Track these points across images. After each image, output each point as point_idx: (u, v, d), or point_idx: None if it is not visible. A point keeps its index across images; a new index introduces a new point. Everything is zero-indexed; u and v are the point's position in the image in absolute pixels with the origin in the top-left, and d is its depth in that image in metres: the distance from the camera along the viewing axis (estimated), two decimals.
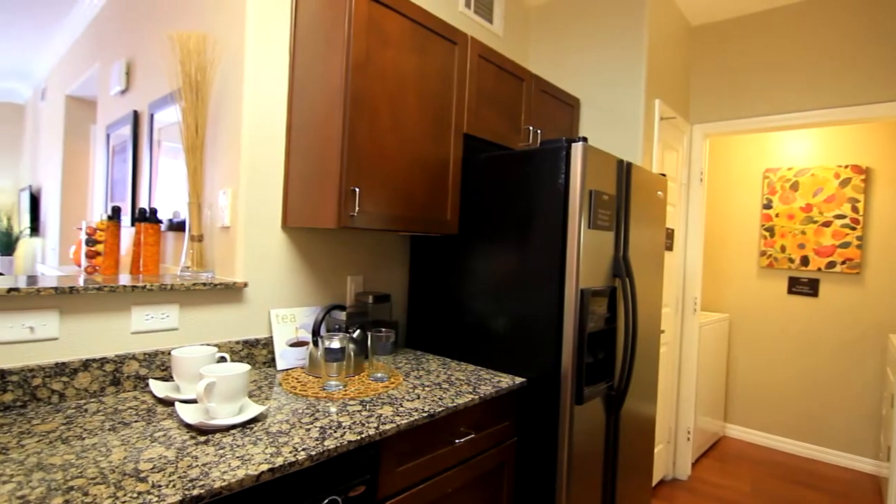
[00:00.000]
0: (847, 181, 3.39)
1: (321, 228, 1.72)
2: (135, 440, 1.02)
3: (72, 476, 0.86)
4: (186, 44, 1.58)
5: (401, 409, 1.28)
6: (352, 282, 1.91)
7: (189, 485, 0.85)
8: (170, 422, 1.13)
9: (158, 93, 2.27)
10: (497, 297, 1.77)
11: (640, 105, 2.45)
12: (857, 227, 3.34)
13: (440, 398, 1.39)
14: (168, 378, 1.40)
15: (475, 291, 1.84)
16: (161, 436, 1.05)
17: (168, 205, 2.15)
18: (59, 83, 4.14)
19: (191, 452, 0.97)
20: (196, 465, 0.92)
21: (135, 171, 2.54)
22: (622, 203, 1.83)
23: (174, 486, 0.84)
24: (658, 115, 2.55)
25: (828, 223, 3.45)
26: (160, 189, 2.26)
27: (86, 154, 3.95)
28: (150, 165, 2.35)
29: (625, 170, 1.83)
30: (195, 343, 1.48)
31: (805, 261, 3.52)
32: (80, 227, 1.88)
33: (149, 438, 1.03)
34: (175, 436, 1.05)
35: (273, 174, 1.65)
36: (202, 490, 0.84)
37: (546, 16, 2.82)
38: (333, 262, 1.85)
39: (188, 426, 1.10)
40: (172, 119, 2.11)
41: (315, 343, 1.55)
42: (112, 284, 1.31)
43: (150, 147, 2.34)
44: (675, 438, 3.00)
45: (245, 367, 1.15)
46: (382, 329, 1.55)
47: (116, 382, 1.31)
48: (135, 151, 2.54)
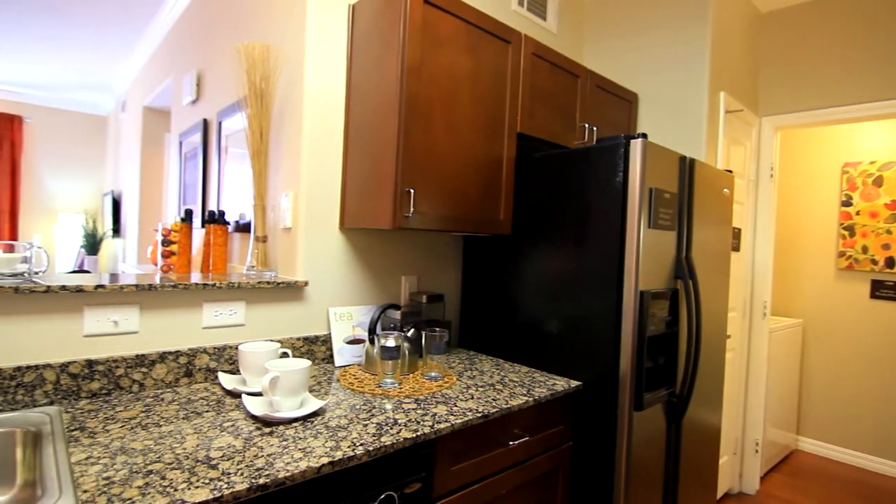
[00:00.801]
0: None
1: (377, 229, 1.76)
2: (206, 429, 1.08)
3: (151, 460, 0.93)
4: (252, 54, 1.66)
5: (455, 409, 1.29)
6: (406, 282, 1.94)
7: (255, 474, 0.89)
8: (237, 413, 1.19)
9: (225, 101, 2.40)
10: (551, 299, 1.74)
11: (704, 98, 2.33)
12: None
13: (494, 399, 1.39)
14: (235, 371, 1.48)
15: (528, 292, 1.82)
16: (230, 426, 1.11)
17: (235, 207, 2.27)
18: (137, 95, 4.46)
19: (257, 443, 1.02)
20: (262, 456, 0.96)
21: (204, 176, 2.70)
22: (685, 201, 1.75)
23: (242, 475, 0.89)
24: (723, 109, 2.42)
25: None
26: (227, 192, 2.39)
27: (161, 160, 4.24)
28: (219, 170, 2.49)
29: (687, 166, 1.75)
30: (260, 339, 1.55)
31: (890, 262, 3.23)
32: (157, 229, 2.02)
33: (218, 428, 1.09)
34: (242, 426, 1.11)
35: (331, 177, 1.70)
36: (267, 479, 0.88)
37: (602, 9, 2.74)
38: (388, 262, 1.89)
39: (254, 417, 1.16)
40: (238, 126, 2.22)
41: (371, 341, 1.59)
42: (185, 282, 1.40)
43: (219, 153, 2.48)
44: (742, 450, 2.83)
45: (306, 363, 1.20)
46: (436, 329, 1.56)
47: (189, 374, 1.40)
48: (204, 157, 2.69)
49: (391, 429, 1.14)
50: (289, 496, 0.94)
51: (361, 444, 1.04)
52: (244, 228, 2.11)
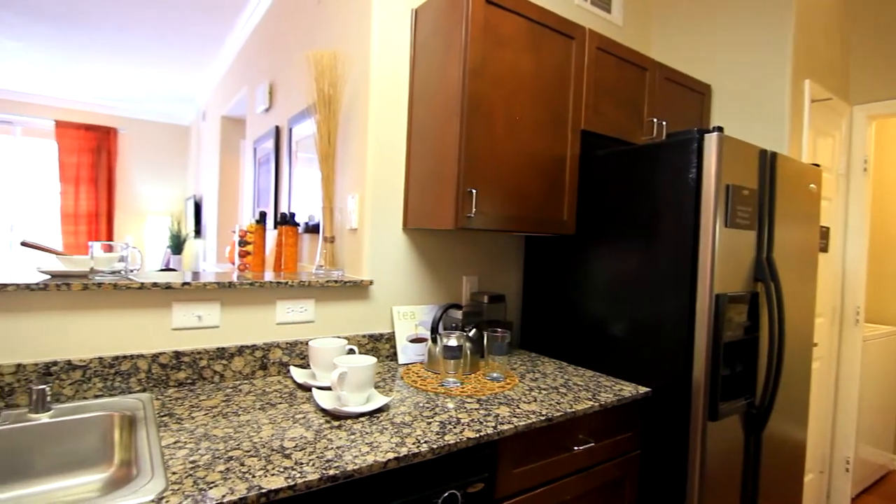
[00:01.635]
0: None
1: (438, 230, 1.77)
2: (280, 420, 1.14)
3: (231, 447, 0.99)
4: (321, 62, 1.73)
5: (518, 411, 1.28)
6: (467, 282, 1.95)
7: (326, 465, 0.93)
8: (308, 406, 1.24)
9: (295, 109, 2.52)
10: (617, 301, 1.69)
11: (786, 87, 2.17)
12: None
13: (558, 402, 1.36)
14: (305, 366, 1.55)
15: (593, 294, 1.77)
16: (301, 418, 1.16)
17: (304, 209, 2.38)
18: (216, 106, 4.77)
19: (326, 435, 1.06)
20: (331, 448, 1.00)
21: (276, 180, 2.84)
22: (765, 198, 1.63)
23: (313, 465, 0.93)
24: (808, 98, 2.24)
25: None
26: (297, 195, 2.51)
27: (237, 166, 4.51)
28: (289, 174, 2.62)
29: (768, 161, 1.64)
30: (328, 335, 1.61)
31: None
32: (234, 230, 2.15)
33: (291, 419, 1.15)
34: (313, 419, 1.15)
35: (395, 179, 1.74)
36: (337, 471, 0.91)
37: None
38: (449, 262, 1.91)
39: (324, 411, 1.20)
40: (308, 131, 2.32)
41: (433, 340, 1.60)
42: (260, 281, 1.48)
43: (289, 158, 2.61)
44: (831, 468, 2.60)
45: (372, 360, 1.23)
46: (498, 329, 1.56)
47: (264, 367, 1.48)
48: (276, 162, 2.84)
49: (454, 428, 1.14)
50: (356, 488, 0.97)
51: (426, 442, 1.06)
52: (313, 229, 2.20)
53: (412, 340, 1.74)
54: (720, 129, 1.44)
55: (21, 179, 5.94)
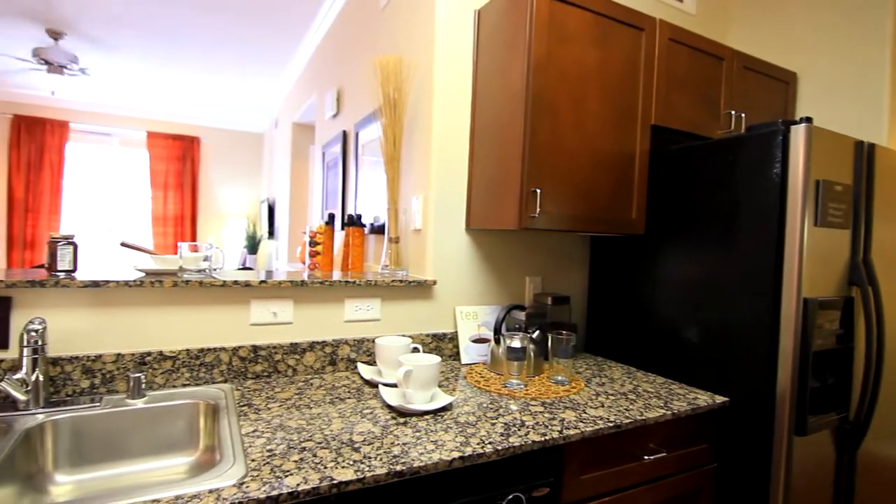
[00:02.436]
0: None
1: (501, 230, 1.77)
2: (349, 414, 1.18)
3: (304, 438, 1.03)
4: (386, 67, 1.78)
5: (584, 416, 1.25)
6: (530, 282, 1.92)
7: (393, 460, 0.95)
8: (375, 401, 1.28)
9: (361, 114, 2.60)
10: (690, 304, 1.60)
11: (886, 72, 1.96)
12: None
13: (626, 409, 1.31)
14: (372, 363, 1.59)
15: (664, 297, 1.69)
16: (369, 413, 1.19)
17: (370, 210, 2.45)
18: (287, 113, 5.02)
19: (393, 431, 1.09)
20: (398, 444, 1.02)
21: (344, 183, 2.95)
22: (862, 194, 1.49)
23: (381, 460, 0.95)
24: None
25: None
26: (363, 197, 2.59)
27: (306, 170, 4.72)
28: (356, 177, 2.70)
29: (865, 153, 1.49)
30: (393, 333, 1.65)
31: None
32: (305, 231, 2.25)
33: (359, 414, 1.18)
34: (380, 415, 1.19)
35: (458, 180, 1.75)
36: (404, 467, 0.93)
37: None
38: (512, 263, 1.89)
39: (390, 407, 1.23)
40: (373, 135, 2.39)
41: (497, 341, 1.60)
42: (330, 280, 1.54)
43: (356, 161, 2.69)
44: None
45: (437, 359, 1.24)
46: (563, 332, 1.53)
47: (333, 363, 1.54)
48: (344, 166, 2.94)
49: (518, 430, 1.13)
50: (421, 485, 0.98)
51: (490, 443, 1.05)
52: (379, 230, 2.26)
53: (475, 341, 1.74)
54: (808, 120, 1.33)
55: (118, 185, 6.56)
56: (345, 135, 2.92)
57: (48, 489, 1.06)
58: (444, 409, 1.24)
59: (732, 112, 1.95)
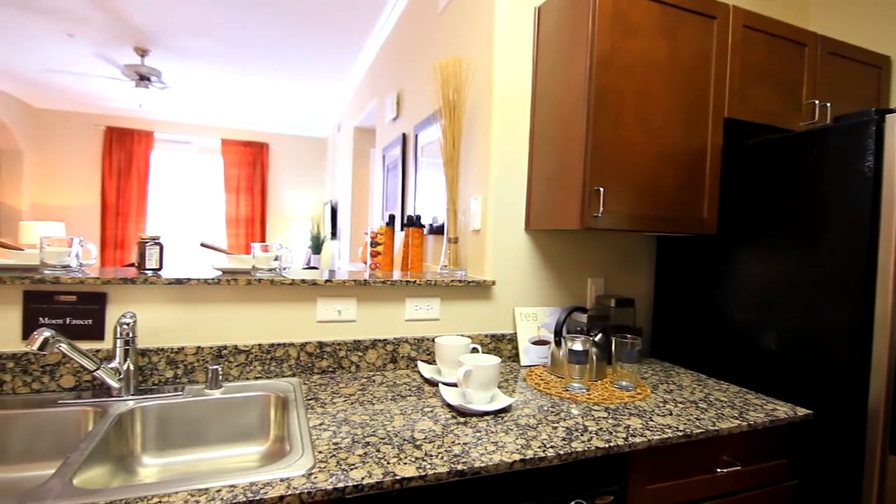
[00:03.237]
0: None
1: (562, 230, 1.73)
2: (410, 412, 1.20)
3: (367, 433, 1.06)
4: (446, 70, 1.79)
5: (651, 423, 1.20)
6: (592, 284, 1.87)
7: (454, 459, 0.96)
8: (435, 400, 1.29)
9: (420, 116, 2.64)
10: (768, 308, 1.50)
11: None
12: None
13: (697, 418, 1.25)
14: (431, 361, 1.61)
15: (738, 300, 1.59)
16: (429, 411, 1.21)
17: (428, 211, 2.48)
18: (349, 118, 5.18)
19: (453, 430, 1.10)
20: (458, 443, 1.03)
21: (403, 184, 3.00)
22: None
23: (442, 458, 0.96)
24: None
25: None
26: (422, 198, 2.62)
27: (367, 172, 4.85)
28: (415, 178, 2.75)
29: None
30: (452, 333, 1.66)
31: None
32: (366, 232, 2.31)
33: (420, 412, 1.20)
34: (440, 413, 1.20)
35: (517, 180, 1.74)
36: (464, 466, 0.93)
37: None
38: (573, 264, 1.85)
39: (450, 406, 1.24)
40: (432, 137, 2.42)
41: (557, 343, 1.57)
42: (391, 279, 1.57)
43: (415, 163, 2.74)
44: None
45: (497, 360, 1.24)
46: (627, 335, 1.47)
47: (394, 360, 1.57)
48: (403, 167, 3.00)
49: (581, 435, 1.11)
50: (481, 486, 0.98)
51: (552, 447, 1.04)
52: (437, 231, 2.29)
53: (534, 342, 1.72)
54: None
55: (195, 190, 7.05)
56: (404, 137, 2.97)
57: (137, 470, 1.16)
58: (504, 411, 1.23)
59: (816, 102, 1.81)
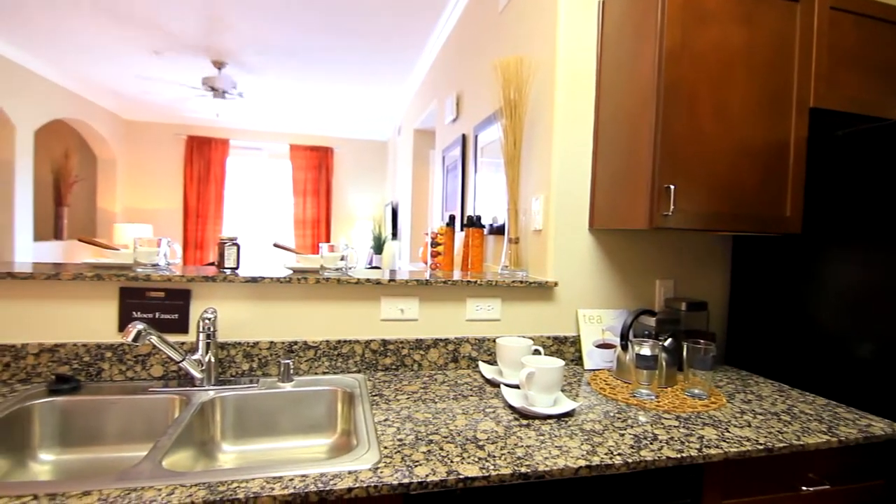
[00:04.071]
0: None
1: (628, 230, 1.67)
2: (472, 412, 1.20)
3: (430, 431, 1.08)
4: (507, 69, 1.78)
5: (727, 435, 1.13)
6: (661, 286, 1.79)
7: (517, 461, 0.95)
8: (496, 401, 1.29)
9: (480, 116, 2.63)
10: (862, 315, 1.37)
11: None
12: None
13: (779, 431, 1.16)
14: (492, 362, 1.61)
15: (827, 305, 1.47)
16: (491, 412, 1.20)
17: (488, 211, 2.47)
18: (409, 121, 5.27)
19: (516, 432, 1.09)
20: (521, 445, 1.02)
21: (463, 185, 3.02)
22: None
23: (505, 459, 0.95)
24: None
25: None
26: (482, 198, 2.62)
27: (427, 174, 4.91)
28: (475, 179, 2.75)
29: None
30: (513, 334, 1.65)
31: None
32: (427, 233, 2.34)
33: (482, 412, 1.20)
34: (502, 415, 1.19)
35: (581, 179, 1.70)
36: (528, 469, 0.92)
37: None
38: (640, 265, 1.78)
39: (512, 408, 1.23)
40: (492, 137, 2.41)
41: (624, 347, 1.52)
42: (452, 279, 1.58)
43: (475, 163, 2.74)
44: None
45: (560, 362, 1.22)
46: (700, 340, 1.40)
47: (455, 360, 1.58)
48: (463, 168, 3.01)
49: (651, 444, 1.06)
50: (544, 489, 0.97)
51: (619, 454, 1.00)
52: (497, 231, 2.28)
53: (599, 346, 1.67)
54: None
55: (267, 193, 7.44)
56: (464, 138, 2.98)
57: (217, 456, 1.24)
58: (568, 415, 1.21)
59: None
